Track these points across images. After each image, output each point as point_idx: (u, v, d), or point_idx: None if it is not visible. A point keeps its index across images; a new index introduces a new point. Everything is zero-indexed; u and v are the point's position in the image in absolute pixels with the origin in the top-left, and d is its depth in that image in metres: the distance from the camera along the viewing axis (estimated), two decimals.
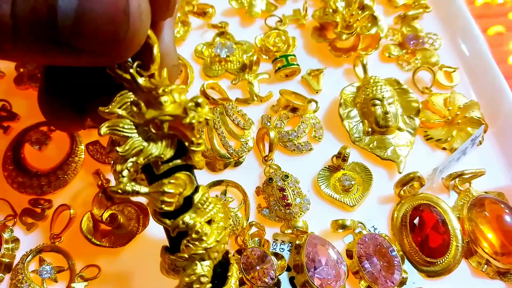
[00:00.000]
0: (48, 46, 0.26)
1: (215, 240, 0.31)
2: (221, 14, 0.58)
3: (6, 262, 0.41)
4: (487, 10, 0.64)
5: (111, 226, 0.41)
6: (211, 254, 0.31)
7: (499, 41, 0.61)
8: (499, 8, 0.65)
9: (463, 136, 0.47)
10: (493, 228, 0.41)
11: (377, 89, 0.48)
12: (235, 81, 0.51)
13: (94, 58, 0.27)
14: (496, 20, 0.63)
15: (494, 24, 0.63)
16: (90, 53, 0.27)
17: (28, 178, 0.45)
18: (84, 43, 0.26)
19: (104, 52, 0.27)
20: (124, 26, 0.26)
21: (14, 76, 0.51)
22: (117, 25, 0.26)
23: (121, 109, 0.30)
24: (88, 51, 0.27)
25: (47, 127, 0.47)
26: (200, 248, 0.30)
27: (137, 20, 0.26)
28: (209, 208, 0.31)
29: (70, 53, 0.27)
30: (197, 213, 0.31)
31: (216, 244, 0.31)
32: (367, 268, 0.39)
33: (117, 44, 0.27)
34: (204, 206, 0.31)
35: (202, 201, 0.31)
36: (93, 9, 0.25)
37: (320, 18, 0.54)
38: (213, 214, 0.32)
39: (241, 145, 0.47)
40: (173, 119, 0.28)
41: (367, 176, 0.45)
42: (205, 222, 0.31)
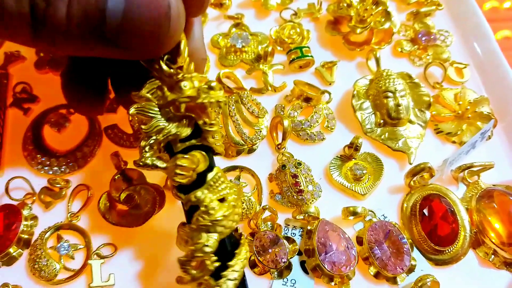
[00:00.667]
0: (95, 42, 0.29)
1: (222, 215, 0.32)
2: (237, 6, 0.59)
3: (24, 239, 0.42)
4: (495, 14, 0.65)
5: (127, 206, 0.43)
6: (217, 228, 0.32)
7: (507, 45, 0.61)
8: (506, 13, 0.66)
9: (472, 130, 0.48)
10: (501, 219, 0.41)
11: (390, 82, 0.49)
12: (250, 71, 0.52)
13: (136, 53, 0.31)
14: (504, 24, 0.64)
15: (502, 29, 0.63)
16: (132, 49, 0.30)
17: (47, 158, 0.46)
18: (128, 42, 0.29)
19: (145, 49, 0.30)
20: (166, 28, 0.29)
21: (35, 60, 0.52)
22: (159, 27, 0.29)
23: (149, 93, 0.33)
24: (132, 48, 0.30)
25: (66, 110, 0.48)
26: (207, 221, 0.32)
27: (176, 23, 0.30)
28: (222, 187, 0.34)
29: (115, 49, 0.30)
30: (209, 190, 0.33)
31: (223, 219, 0.32)
32: (377, 254, 0.40)
33: (158, 43, 0.30)
34: (217, 184, 0.33)
35: (215, 179, 0.33)
36: (139, 12, 0.28)
37: (334, 12, 0.55)
38: (226, 193, 0.34)
39: (255, 132, 0.48)
40: (189, 100, 0.32)
41: (378, 166, 0.46)
42: (217, 200, 0.33)
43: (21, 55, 0.54)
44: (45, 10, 0.27)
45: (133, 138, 0.47)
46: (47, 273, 0.40)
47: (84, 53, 0.32)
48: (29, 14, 0.27)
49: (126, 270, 0.41)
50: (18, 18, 0.27)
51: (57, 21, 0.27)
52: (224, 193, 0.34)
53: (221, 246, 0.33)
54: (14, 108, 0.50)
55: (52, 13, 0.27)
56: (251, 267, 0.41)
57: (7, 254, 0.41)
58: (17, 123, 0.49)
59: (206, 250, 0.32)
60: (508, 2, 0.66)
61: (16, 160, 0.47)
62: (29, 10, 0.27)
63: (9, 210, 0.43)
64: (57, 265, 0.41)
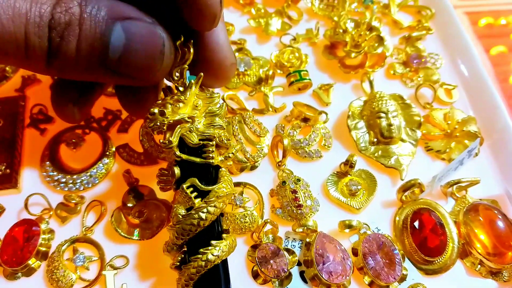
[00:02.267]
0: (99, 71, 0.33)
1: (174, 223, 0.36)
2: (240, 31, 0.62)
3: (43, 251, 0.45)
4: (490, 30, 0.67)
5: (139, 220, 0.45)
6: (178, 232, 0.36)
7: (501, 61, 0.63)
8: (501, 29, 0.67)
9: (460, 148, 0.50)
10: (486, 232, 0.44)
11: (382, 103, 0.51)
12: (252, 93, 0.55)
13: (133, 81, 0.35)
14: (499, 40, 0.65)
15: (497, 44, 0.65)
16: (130, 78, 0.34)
17: (63, 175, 0.49)
18: (127, 71, 0.33)
19: (141, 79, 0.35)
20: (159, 62, 0.34)
21: (50, 83, 0.55)
22: (154, 61, 0.33)
23: None
24: (129, 77, 0.34)
25: (82, 130, 0.51)
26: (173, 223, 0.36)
27: (168, 57, 0.34)
28: (187, 199, 0.36)
29: (114, 76, 0.34)
30: (180, 199, 0.37)
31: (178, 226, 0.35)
32: (371, 265, 0.42)
33: (153, 74, 0.34)
34: (183, 194, 0.36)
35: (181, 190, 0.37)
36: (137, 48, 0.32)
37: (330, 37, 0.58)
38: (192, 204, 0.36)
39: (257, 151, 0.50)
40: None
41: (372, 182, 0.48)
42: (184, 208, 0.36)
43: (36, 78, 0.57)
44: (58, 44, 0.31)
45: (143, 157, 0.50)
46: (64, 283, 0.42)
47: (88, 79, 0.36)
48: (47, 48, 0.31)
49: (138, 280, 0.43)
50: (38, 51, 0.31)
51: (68, 53, 0.31)
52: (190, 203, 0.36)
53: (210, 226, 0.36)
54: (31, 128, 0.52)
55: (65, 46, 0.31)
56: (253, 277, 0.43)
57: (27, 266, 0.44)
58: (34, 142, 0.52)
59: (171, 249, 0.37)
60: (503, 19, 0.68)
61: (34, 177, 0.50)
62: (47, 45, 0.31)
63: (28, 224, 0.45)
64: (73, 275, 0.43)
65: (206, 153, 0.37)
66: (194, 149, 0.37)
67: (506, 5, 0.70)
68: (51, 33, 0.30)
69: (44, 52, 0.31)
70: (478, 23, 0.67)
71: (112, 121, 0.53)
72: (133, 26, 0.32)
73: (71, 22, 0.30)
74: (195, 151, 0.37)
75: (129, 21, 0.32)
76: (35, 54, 0.31)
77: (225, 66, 0.40)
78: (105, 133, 0.52)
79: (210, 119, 0.38)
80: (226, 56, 0.40)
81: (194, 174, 0.36)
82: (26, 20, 0.30)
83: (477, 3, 0.71)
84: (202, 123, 0.37)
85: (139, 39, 0.32)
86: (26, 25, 0.30)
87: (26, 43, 0.30)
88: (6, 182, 0.48)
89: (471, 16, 0.69)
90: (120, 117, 0.53)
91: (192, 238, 0.36)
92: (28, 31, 0.30)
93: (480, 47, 0.65)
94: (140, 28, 0.32)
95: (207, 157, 0.37)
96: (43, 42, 0.30)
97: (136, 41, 0.32)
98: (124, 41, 0.32)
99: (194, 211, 0.35)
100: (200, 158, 0.37)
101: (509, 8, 0.70)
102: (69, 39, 0.31)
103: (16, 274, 0.44)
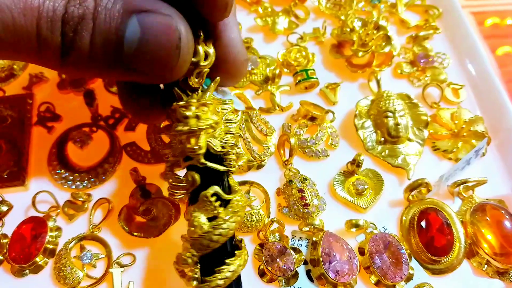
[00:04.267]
0: (114, 67, 0.31)
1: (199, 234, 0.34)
2: (247, 30, 0.62)
3: (50, 248, 0.45)
4: (496, 31, 0.66)
5: (145, 219, 0.45)
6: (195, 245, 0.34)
7: (507, 61, 0.63)
8: (508, 29, 0.67)
9: (467, 147, 0.50)
10: (493, 232, 0.44)
11: (389, 103, 0.51)
12: (259, 92, 0.55)
13: (149, 78, 0.33)
14: (505, 40, 0.65)
15: (503, 45, 0.64)
16: (146, 74, 0.32)
17: (70, 173, 0.49)
18: (142, 67, 0.32)
19: (157, 75, 0.33)
20: (175, 57, 0.32)
21: (57, 81, 0.56)
22: (169, 57, 0.31)
23: None
24: (145, 73, 0.32)
25: (89, 128, 0.51)
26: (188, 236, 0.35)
27: (186, 53, 0.32)
28: (211, 207, 0.34)
29: (130, 72, 0.32)
30: (199, 208, 0.34)
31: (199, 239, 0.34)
32: (378, 264, 0.42)
33: (168, 70, 0.32)
34: (206, 203, 0.34)
35: (203, 199, 0.34)
36: (152, 42, 0.31)
37: (338, 36, 0.58)
38: (217, 213, 0.35)
39: (263, 149, 0.51)
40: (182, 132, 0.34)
41: (379, 181, 0.48)
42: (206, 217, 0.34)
43: (44, 76, 0.57)
44: (72, 39, 0.30)
45: (150, 155, 0.50)
46: (71, 281, 0.43)
47: (104, 77, 0.34)
48: (60, 43, 0.30)
49: (145, 278, 0.44)
50: (52, 47, 0.30)
51: (82, 48, 0.30)
52: (215, 212, 0.34)
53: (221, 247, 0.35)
54: (38, 126, 0.53)
55: (78, 41, 0.30)
56: (260, 276, 0.43)
57: (34, 263, 0.44)
58: (41, 140, 0.52)
59: (183, 262, 0.35)
60: (509, 19, 0.68)
61: (41, 175, 0.50)
62: (61, 40, 0.30)
63: (35, 222, 0.45)
64: (81, 273, 0.43)
65: (227, 160, 0.36)
66: (214, 157, 0.35)
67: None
68: (64, 28, 0.29)
69: (58, 47, 0.30)
70: (484, 23, 0.67)
71: (119, 119, 0.53)
72: (148, 19, 0.30)
73: (85, 16, 0.30)
74: (215, 159, 0.36)
75: (145, 13, 0.30)
76: (48, 50, 0.30)
77: (239, 62, 0.39)
78: (113, 131, 0.52)
79: (227, 126, 0.37)
80: (240, 51, 0.39)
81: (213, 182, 0.35)
82: (39, 13, 0.29)
83: (483, 3, 0.70)
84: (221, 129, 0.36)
85: (154, 32, 0.30)
86: (38, 19, 0.29)
87: (38, 38, 0.29)
88: (14, 180, 0.48)
89: (477, 16, 0.69)
90: (128, 116, 0.53)
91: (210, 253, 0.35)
92: (40, 25, 0.29)
93: (486, 47, 0.65)
94: (155, 21, 0.31)
95: (229, 165, 0.36)
96: (56, 37, 0.30)
97: (151, 34, 0.30)
98: (139, 34, 0.30)
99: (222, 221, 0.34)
100: (223, 166, 0.36)
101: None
102: (82, 34, 0.30)
103: (24, 271, 0.44)
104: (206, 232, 0.34)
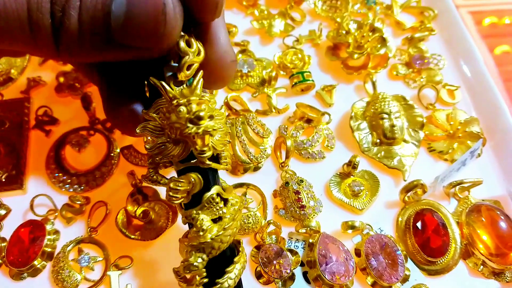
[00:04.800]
0: (103, 45, 0.31)
1: (212, 236, 0.33)
2: (243, 33, 0.62)
3: (48, 252, 0.45)
4: (494, 30, 0.66)
5: (143, 221, 0.45)
6: (206, 249, 0.34)
7: (506, 60, 0.63)
8: (506, 28, 0.67)
9: (463, 148, 0.51)
10: (488, 232, 0.44)
11: (385, 104, 0.52)
12: (255, 94, 0.55)
13: (139, 52, 0.32)
14: (503, 39, 0.65)
15: (501, 44, 0.64)
16: (136, 48, 0.32)
17: (68, 176, 0.49)
18: (131, 40, 0.31)
19: (147, 47, 0.32)
20: (162, 24, 0.31)
21: (55, 85, 0.56)
22: (156, 24, 0.31)
23: (155, 113, 0.34)
24: (134, 46, 0.32)
25: (87, 131, 0.52)
26: (196, 241, 0.33)
27: (173, 19, 0.31)
28: (217, 208, 0.34)
29: (120, 49, 0.32)
30: (202, 210, 0.34)
31: (211, 242, 0.33)
32: (374, 265, 0.43)
33: (157, 39, 0.32)
34: (212, 204, 0.34)
35: (209, 200, 0.34)
36: (138, 12, 0.30)
37: (333, 38, 0.58)
38: (222, 213, 0.34)
39: (260, 152, 0.51)
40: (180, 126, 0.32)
41: (375, 183, 0.49)
42: (210, 219, 0.34)
43: (42, 80, 0.57)
44: (61, 18, 0.30)
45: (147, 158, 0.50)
46: (69, 284, 0.43)
47: (96, 59, 0.34)
48: (50, 25, 0.30)
49: (142, 280, 0.44)
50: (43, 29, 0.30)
51: (71, 28, 0.30)
52: (220, 213, 0.34)
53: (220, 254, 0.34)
54: (36, 130, 0.53)
55: (67, 20, 0.30)
56: (257, 278, 0.44)
57: (32, 266, 0.44)
58: (39, 144, 0.52)
59: (193, 269, 0.33)
60: (507, 18, 0.68)
61: (39, 178, 0.50)
62: (51, 21, 0.30)
63: (34, 225, 0.45)
64: (78, 276, 0.43)
65: (222, 158, 0.36)
66: (213, 156, 0.35)
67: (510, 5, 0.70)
68: (53, 8, 0.30)
69: (49, 29, 0.30)
70: (482, 22, 0.67)
71: None
72: None
73: None
74: (214, 158, 0.35)
75: None
76: (40, 33, 0.30)
77: (226, 63, 0.39)
78: (110, 134, 0.52)
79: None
80: (227, 51, 0.38)
81: (212, 182, 0.35)
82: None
83: (481, 2, 0.71)
84: None
85: (138, 3, 0.30)
86: (28, 2, 0.29)
87: (29, 21, 0.29)
88: (12, 183, 0.49)
89: (475, 15, 0.69)
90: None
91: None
92: (30, 8, 0.29)
93: (484, 46, 0.65)
94: None
95: (224, 163, 0.36)
96: (46, 19, 0.30)
97: (135, 5, 0.30)
98: (125, 8, 0.30)
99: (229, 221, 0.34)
100: (221, 165, 0.35)
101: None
102: (70, 13, 0.30)
103: (22, 274, 0.44)
104: (217, 235, 0.33)
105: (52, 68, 0.58)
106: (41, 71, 0.58)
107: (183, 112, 0.32)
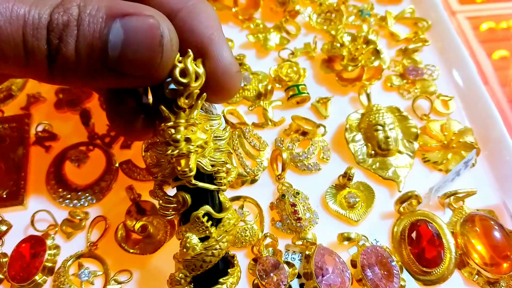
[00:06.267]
0: (100, 72, 0.32)
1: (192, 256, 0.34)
2: (239, 47, 0.63)
3: (49, 267, 0.46)
4: (491, 35, 0.67)
5: (142, 236, 0.46)
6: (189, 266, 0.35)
7: (503, 65, 0.64)
8: (503, 33, 0.68)
9: (457, 159, 0.51)
10: (483, 242, 0.44)
11: (379, 116, 0.52)
12: (251, 108, 0.56)
13: (136, 80, 0.33)
14: (501, 44, 0.66)
15: (499, 49, 0.65)
16: (132, 76, 0.33)
17: (68, 191, 0.50)
18: (127, 69, 0.32)
19: (143, 76, 0.33)
20: (159, 55, 0.32)
21: (54, 101, 0.57)
22: (154, 54, 0.32)
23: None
24: (131, 74, 0.32)
25: (86, 147, 0.52)
26: (181, 258, 0.35)
27: (169, 50, 0.32)
28: (203, 228, 0.35)
29: (117, 77, 0.32)
30: (190, 228, 0.35)
31: (192, 260, 0.35)
32: (369, 276, 0.43)
33: (154, 69, 0.32)
34: (197, 224, 0.35)
35: (195, 220, 0.35)
36: (135, 42, 0.31)
37: (328, 51, 0.59)
38: (208, 233, 0.35)
39: (256, 164, 0.51)
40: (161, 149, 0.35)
41: (370, 194, 0.49)
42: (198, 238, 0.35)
43: (41, 96, 0.58)
44: (57, 46, 0.30)
45: (146, 172, 0.51)
46: None
47: (92, 85, 0.34)
48: (46, 51, 0.30)
49: None
50: (38, 55, 0.30)
51: (67, 55, 0.30)
52: (207, 232, 0.35)
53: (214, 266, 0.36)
54: (36, 145, 0.54)
55: (64, 47, 0.30)
56: None
57: (33, 281, 0.44)
58: (39, 159, 0.53)
59: (176, 284, 0.35)
60: (504, 23, 0.69)
61: (40, 194, 0.51)
62: (47, 48, 0.30)
63: (34, 240, 0.46)
64: None
65: (217, 179, 0.36)
66: (205, 176, 0.36)
67: (507, 9, 0.71)
68: (49, 35, 0.30)
69: (44, 55, 0.30)
70: (480, 27, 0.68)
71: (115, 137, 0.54)
72: (131, 21, 0.31)
73: (69, 23, 0.30)
74: (206, 177, 0.36)
75: (128, 17, 0.31)
76: (35, 58, 0.30)
77: (231, 74, 0.38)
78: (109, 149, 0.53)
79: (216, 143, 0.37)
80: (231, 62, 0.38)
81: (203, 202, 0.35)
82: (24, 22, 0.29)
83: (478, 7, 0.71)
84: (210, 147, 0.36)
85: (136, 33, 0.31)
86: (24, 27, 0.29)
87: (24, 46, 0.30)
88: (13, 199, 0.50)
89: (472, 21, 0.70)
90: None
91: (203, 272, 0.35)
92: (26, 33, 0.29)
93: (482, 51, 0.65)
94: (137, 22, 0.31)
95: (219, 183, 0.36)
96: (41, 45, 0.30)
97: (133, 35, 0.31)
98: (123, 37, 0.31)
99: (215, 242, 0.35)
100: (213, 185, 0.36)
101: (510, 12, 0.71)
102: (67, 41, 0.30)
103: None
104: (198, 254, 0.35)
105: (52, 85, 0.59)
106: (40, 87, 0.59)
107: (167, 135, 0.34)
